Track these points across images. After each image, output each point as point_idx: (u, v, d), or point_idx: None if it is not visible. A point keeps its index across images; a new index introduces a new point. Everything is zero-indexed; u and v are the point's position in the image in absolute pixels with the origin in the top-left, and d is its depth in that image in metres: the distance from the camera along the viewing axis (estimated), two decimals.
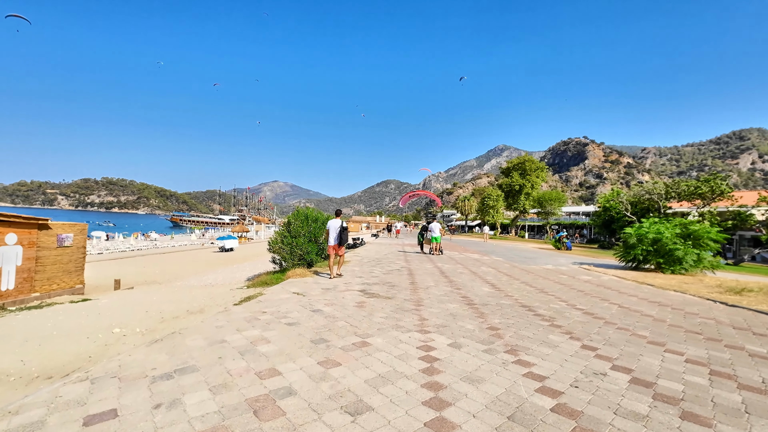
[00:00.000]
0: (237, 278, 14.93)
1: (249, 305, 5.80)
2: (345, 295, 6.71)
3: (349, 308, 5.70)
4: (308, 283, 8.06)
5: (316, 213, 12.13)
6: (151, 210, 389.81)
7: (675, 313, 6.15)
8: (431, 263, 12.90)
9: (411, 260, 13.69)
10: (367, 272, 10.02)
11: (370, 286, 7.88)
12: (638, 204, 32.87)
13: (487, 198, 59.09)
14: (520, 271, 11.46)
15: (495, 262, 14.42)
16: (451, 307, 6.01)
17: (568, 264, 14.47)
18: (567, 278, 10.22)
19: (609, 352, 4.06)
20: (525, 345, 4.18)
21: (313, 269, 10.12)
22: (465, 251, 19.96)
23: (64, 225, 12.74)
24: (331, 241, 8.67)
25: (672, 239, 11.75)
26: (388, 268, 11.16)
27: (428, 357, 3.70)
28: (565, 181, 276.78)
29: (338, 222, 8.77)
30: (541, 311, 5.97)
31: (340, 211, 9.42)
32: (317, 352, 3.73)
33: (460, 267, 12.07)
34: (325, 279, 8.67)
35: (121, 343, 5.42)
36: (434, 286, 8.15)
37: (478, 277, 9.88)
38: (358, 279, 8.74)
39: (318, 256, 11.37)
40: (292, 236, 11.19)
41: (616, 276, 10.84)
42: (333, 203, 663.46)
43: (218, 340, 4.02)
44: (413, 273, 10.17)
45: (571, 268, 12.82)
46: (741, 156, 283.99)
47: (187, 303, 8.81)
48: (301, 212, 11.82)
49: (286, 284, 7.89)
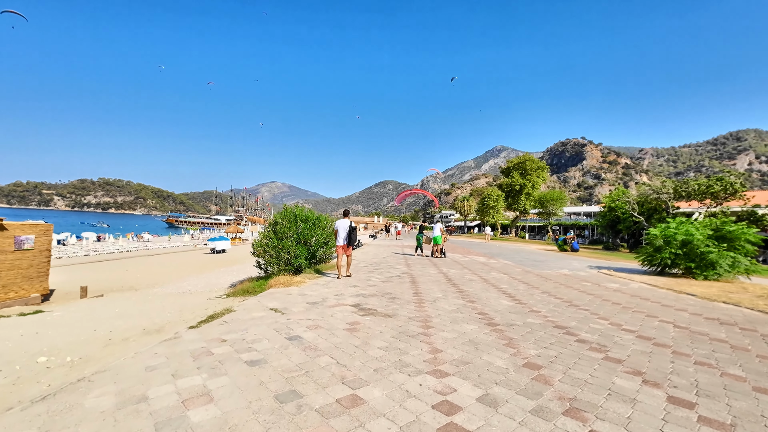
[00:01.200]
0: (220, 284, 13.58)
1: (208, 329, 4.48)
2: (335, 313, 5.39)
3: (337, 333, 4.38)
4: (292, 294, 6.74)
5: (306, 212, 10.81)
6: (148, 211, 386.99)
7: (752, 338, 4.86)
8: (435, 268, 11.60)
9: (412, 264, 12.39)
10: (363, 280, 8.71)
11: (367, 298, 6.58)
12: (645, 204, 31.73)
13: (487, 198, 57.85)
14: (537, 278, 10.18)
15: (504, 266, 13.13)
16: (469, 330, 4.71)
17: (584, 268, 13.21)
18: (592, 286, 8.94)
19: (714, 410, 2.77)
20: (587, 398, 2.88)
21: (303, 276, 8.81)
22: (468, 253, 18.69)
23: (23, 225, 11.36)
24: (340, 241, 8.69)
25: (704, 241, 10.50)
26: (387, 274, 9.85)
27: (452, 427, 2.40)
28: (563, 181, 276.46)
29: (347, 222, 8.79)
30: (583, 335, 4.68)
31: (347, 211, 9.47)
32: (281, 422, 2.42)
33: (468, 272, 10.78)
34: (313, 289, 7.36)
35: (35, 381, 4.10)
36: (442, 298, 6.84)
37: (490, 285, 8.58)
38: (353, 289, 7.43)
39: (308, 261, 10.05)
40: (278, 238, 9.87)
41: (646, 283, 9.57)
42: (331, 204, 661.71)
43: (136, 396, 2.70)
44: (416, 280, 8.87)
45: (590, 274, 11.55)
46: (738, 157, 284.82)
47: (150, 318, 7.46)
48: (289, 211, 10.49)
49: (265, 296, 6.56)
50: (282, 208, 11.23)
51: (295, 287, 7.51)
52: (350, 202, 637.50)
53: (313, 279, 8.61)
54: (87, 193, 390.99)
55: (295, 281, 8.02)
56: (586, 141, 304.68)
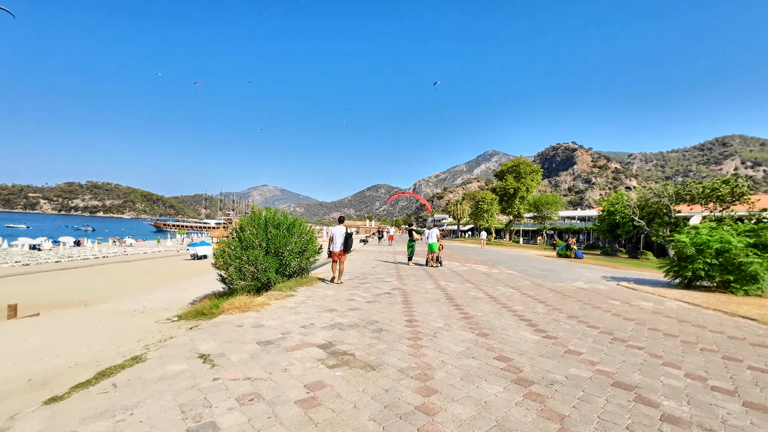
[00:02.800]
0: (185, 298, 11.74)
1: (75, 404, 2.75)
2: (292, 362, 3.69)
3: (283, 414, 2.69)
4: (244, 326, 5.01)
5: (279, 216, 9.09)
6: (137, 214, 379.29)
7: None
8: (431, 281, 9.95)
9: (405, 277, 10.73)
10: (344, 299, 7.01)
11: (344, 330, 4.89)
12: (645, 207, 30.58)
13: (481, 201, 56.52)
14: (553, 294, 8.59)
15: (510, 277, 11.53)
16: (492, 396, 3.06)
17: (599, 279, 11.67)
18: (622, 306, 7.37)
19: None
20: None
21: (269, 295, 7.08)
22: (466, 261, 17.09)
23: None
24: (336, 248, 8.76)
25: (744, 250, 9.04)
26: (375, 290, 8.16)
27: None
28: (554, 186, 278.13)
29: (343, 229, 8.89)
30: (663, 402, 3.06)
31: (343, 217, 9.66)
32: None
33: (471, 287, 9.14)
34: (275, 316, 5.63)
35: None
36: (445, 328, 5.18)
37: (502, 305, 6.94)
38: (328, 316, 5.72)
39: (279, 275, 8.33)
40: (243, 247, 8.13)
41: (684, 301, 8.03)
42: (323, 208, 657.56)
43: None
44: (410, 299, 7.20)
45: (611, 288, 10.00)
46: (725, 162, 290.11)
47: (60, 355, 5.67)
48: (258, 215, 8.76)
49: (205, 330, 4.82)
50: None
51: (253, 312, 5.78)
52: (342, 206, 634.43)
53: (282, 299, 6.88)
54: (74, 197, 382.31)
55: (256, 304, 6.28)
56: (576, 146, 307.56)
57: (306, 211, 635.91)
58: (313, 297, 7.17)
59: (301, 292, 7.70)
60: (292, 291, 7.66)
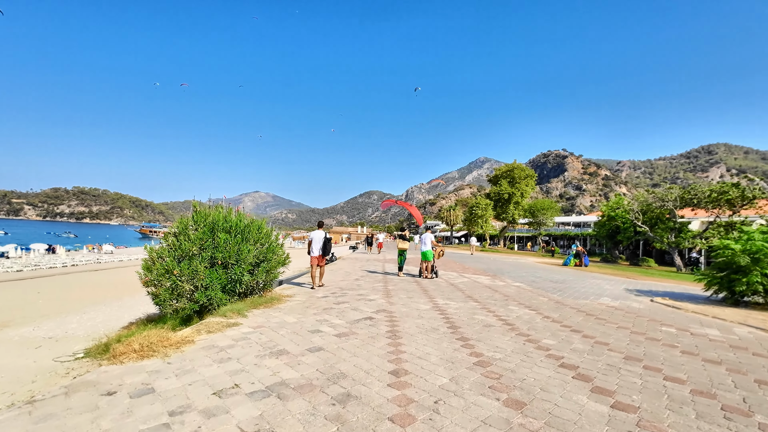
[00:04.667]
0: (124, 318, 9.56)
1: None
2: None
3: None
4: (118, 394, 2.99)
5: (233, 218, 7.05)
6: (125, 221, 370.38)
7: None
8: (426, 298, 7.99)
9: (394, 291, 8.77)
10: (306, 331, 5.00)
11: (284, 405, 2.89)
12: (648, 212, 29.15)
13: (475, 207, 54.91)
14: (582, 316, 6.70)
15: (519, 291, 9.63)
16: None
17: (626, 294, 9.84)
18: (683, 336, 5.50)
19: None
20: None
21: (199, 326, 5.06)
22: (464, 270, 15.18)
23: None
24: (315, 252, 8.74)
25: None
26: (352, 314, 6.17)
27: None
28: (545, 192, 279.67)
29: (322, 234, 8.88)
30: None
31: (322, 222, 9.51)
32: None
33: (477, 307, 7.20)
34: (190, 367, 3.61)
35: None
36: (452, 389, 3.23)
37: (525, 338, 5.00)
38: (270, 366, 3.70)
39: (226, 294, 6.30)
40: (178, 257, 6.11)
41: (754, 327, 6.20)
42: (315, 214, 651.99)
43: None
44: (398, 330, 5.22)
45: (648, 306, 8.14)
46: (711, 169, 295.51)
47: None
48: (201, 215, 6.73)
49: (61, 400, 2.80)
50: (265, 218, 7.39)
51: (158, 360, 3.75)
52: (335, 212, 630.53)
53: (217, 331, 4.85)
54: (60, 203, 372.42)
55: (173, 342, 4.26)
56: (567, 153, 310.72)
57: (298, 217, 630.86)
58: (264, 327, 5.15)
59: (251, 318, 5.67)
60: (239, 317, 5.64)
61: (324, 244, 8.74)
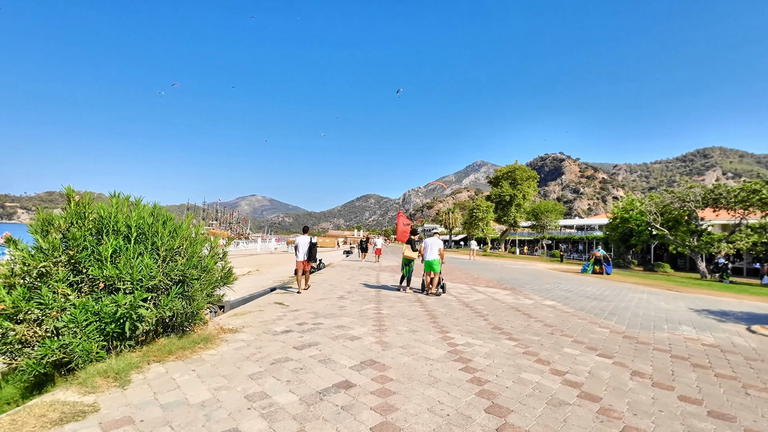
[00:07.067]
0: None
1: None
2: None
3: None
4: None
5: (133, 216, 4.43)
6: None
7: None
8: (436, 332, 5.48)
9: (389, 319, 6.25)
10: (216, 424, 2.50)
11: None
12: (665, 214, 26.86)
13: (475, 209, 52.50)
14: (681, 365, 4.24)
15: (561, 316, 7.11)
16: None
17: (703, 319, 7.39)
18: None
19: None
20: None
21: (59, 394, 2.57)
22: (475, 281, 12.69)
23: None
24: (300, 257, 8.73)
25: None
26: (316, 376, 3.65)
27: None
28: (543, 195, 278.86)
29: (307, 239, 8.94)
30: None
31: (307, 228, 9.45)
32: None
33: (516, 350, 4.70)
34: None
35: None
36: None
37: (630, 428, 2.54)
38: None
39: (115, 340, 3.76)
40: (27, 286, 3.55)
41: None
42: (312, 217, 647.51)
43: None
44: (393, 418, 2.73)
45: (760, 342, 5.70)
46: (706, 173, 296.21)
47: None
48: (82, 207, 4.18)
49: None
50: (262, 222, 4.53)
51: None
52: (332, 216, 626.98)
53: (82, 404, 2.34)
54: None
55: None
56: (564, 156, 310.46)
57: (295, 221, 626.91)
58: (132, 422, 2.62)
59: (128, 392, 3.13)
60: (103, 390, 3.10)
61: (309, 249, 8.83)
